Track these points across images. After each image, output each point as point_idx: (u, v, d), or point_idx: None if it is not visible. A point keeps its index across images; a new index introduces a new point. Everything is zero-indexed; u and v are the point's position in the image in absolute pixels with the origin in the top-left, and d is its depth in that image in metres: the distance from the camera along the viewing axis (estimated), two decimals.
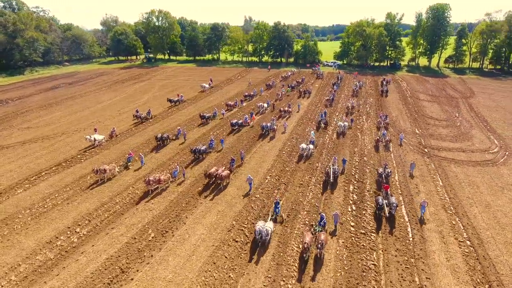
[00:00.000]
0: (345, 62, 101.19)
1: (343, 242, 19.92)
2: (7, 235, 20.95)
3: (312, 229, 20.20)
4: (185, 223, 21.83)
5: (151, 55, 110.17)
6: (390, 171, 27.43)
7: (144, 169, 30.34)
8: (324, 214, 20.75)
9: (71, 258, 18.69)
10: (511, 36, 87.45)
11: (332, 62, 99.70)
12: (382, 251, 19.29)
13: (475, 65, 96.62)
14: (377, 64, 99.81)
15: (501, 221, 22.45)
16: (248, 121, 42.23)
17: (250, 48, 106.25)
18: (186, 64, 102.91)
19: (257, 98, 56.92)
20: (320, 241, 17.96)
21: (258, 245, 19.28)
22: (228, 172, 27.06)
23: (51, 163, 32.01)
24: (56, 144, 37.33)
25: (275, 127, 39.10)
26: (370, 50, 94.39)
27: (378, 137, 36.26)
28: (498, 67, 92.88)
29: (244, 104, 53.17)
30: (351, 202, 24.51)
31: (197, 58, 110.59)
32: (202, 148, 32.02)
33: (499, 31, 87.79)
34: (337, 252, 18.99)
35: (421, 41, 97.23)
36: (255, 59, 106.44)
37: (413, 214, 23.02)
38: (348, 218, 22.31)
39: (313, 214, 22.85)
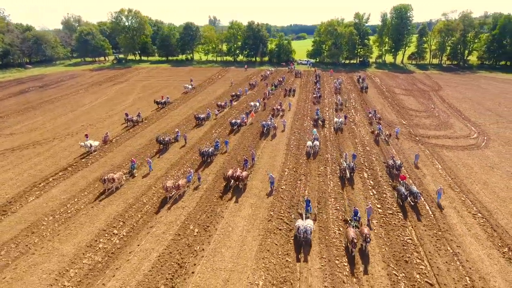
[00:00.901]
0: (317, 60, 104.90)
1: (376, 222, 21.60)
2: (39, 243, 20.09)
3: (350, 224, 20.39)
4: (223, 217, 22.28)
5: (121, 56, 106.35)
6: (401, 163, 28.74)
7: (153, 174, 28.88)
8: (358, 209, 21.52)
9: (121, 259, 18.47)
10: (465, 35, 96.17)
11: (305, 61, 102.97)
12: (412, 227, 21.21)
13: (435, 61, 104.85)
14: (347, 61, 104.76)
15: (500, 195, 25.45)
16: (245, 120, 42.54)
17: (224, 47, 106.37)
18: (160, 64, 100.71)
19: (244, 98, 57.57)
20: (367, 235, 18.19)
21: (302, 243, 19.29)
22: (247, 173, 26.97)
23: (55, 169, 30.57)
24: (52, 150, 35.51)
25: (276, 125, 39.92)
26: (341, 48, 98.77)
27: (376, 132, 37.80)
28: (455, 62, 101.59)
29: (234, 103, 53.60)
30: (370, 187, 26.37)
31: (170, 58, 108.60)
32: (210, 150, 31.21)
33: (455, 30, 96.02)
34: (375, 231, 20.61)
35: (387, 40, 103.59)
36: (229, 58, 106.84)
37: (427, 194, 25.33)
38: (373, 201, 24.08)
39: (340, 200, 24.36)
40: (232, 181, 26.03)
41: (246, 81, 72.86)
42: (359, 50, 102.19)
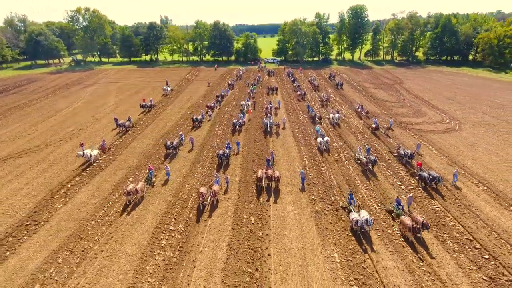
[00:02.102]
0: (283, 58, 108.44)
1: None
2: (96, 247, 19.64)
3: (395, 213, 21.81)
4: (270, 205, 23.54)
5: (80, 58, 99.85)
6: (413, 152, 30.97)
7: (174, 181, 27.71)
8: (400, 199, 22.85)
9: (193, 251, 18.93)
10: (413, 33, 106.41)
11: (272, 59, 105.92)
12: (435, 199, 24.42)
13: (388, 57, 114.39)
14: (310, 59, 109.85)
15: (488, 167, 29.98)
16: (244, 119, 42.31)
17: (190, 47, 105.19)
18: (124, 66, 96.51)
19: (228, 98, 57.42)
20: (426, 223, 18.92)
21: (360, 237, 19.84)
22: (279, 173, 26.29)
23: (67, 175, 29.15)
24: (51, 157, 33.48)
25: (278, 122, 40.35)
26: (305, 46, 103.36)
27: (374, 125, 39.10)
28: (405, 58, 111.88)
29: (222, 103, 53.52)
30: (389, 175, 28.81)
31: (133, 59, 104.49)
32: (227, 152, 30.43)
33: (404, 29, 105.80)
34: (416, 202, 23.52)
35: (345, 38, 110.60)
36: (196, 58, 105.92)
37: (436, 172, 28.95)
38: (399, 185, 26.85)
39: (372, 191, 26.93)
40: (264, 181, 25.34)
41: (222, 81, 73.40)
42: (321, 48, 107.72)
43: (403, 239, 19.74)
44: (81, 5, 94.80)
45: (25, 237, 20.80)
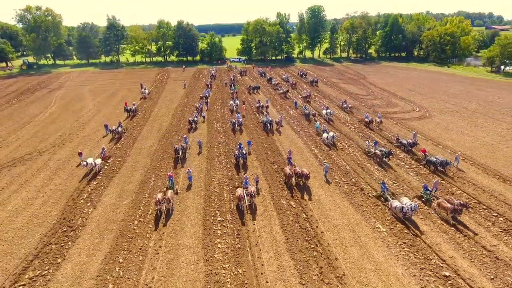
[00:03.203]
0: (247, 57, 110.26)
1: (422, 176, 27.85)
2: (152, 244, 19.83)
3: (425, 198, 23.43)
4: (302, 191, 25.33)
5: (31, 60, 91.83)
6: (416, 141, 33.55)
7: (197, 177, 27.86)
8: (427, 184, 24.57)
9: (254, 237, 20.03)
10: (366, 32, 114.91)
11: (237, 58, 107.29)
12: (443, 176, 28.03)
13: (344, 55, 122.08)
14: (274, 58, 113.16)
15: (466, 145, 34.78)
16: (241, 119, 41.72)
17: (153, 48, 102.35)
18: (84, 68, 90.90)
19: (211, 98, 57.14)
20: (464, 204, 20.67)
21: (405, 222, 21.02)
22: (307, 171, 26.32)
23: (78, 180, 28.07)
24: (51, 163, 31.69)
25: (278, 120, 40.93)
26: (270, 45, 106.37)
27: (368, 120, 40.84)
28: (360, 55, 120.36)
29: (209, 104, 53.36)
30: (399, 162, 32.10)
31: (92, 61, 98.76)
32: (244, 152, 29.94)
33: (358, 28, 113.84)
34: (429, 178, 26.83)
35: (305, 37, 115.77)
36: (160, 59, 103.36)
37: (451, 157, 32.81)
38: (411, 172, 30.19)
39: (389, 179, 29.94)
40: (294, 178, 26.00)
41: (196, 81, 73.16)
42: (284, 47, 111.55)
43: (441, 220, 21.46)
44: (27, 4, 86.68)
45: (69, 243, 20.16)
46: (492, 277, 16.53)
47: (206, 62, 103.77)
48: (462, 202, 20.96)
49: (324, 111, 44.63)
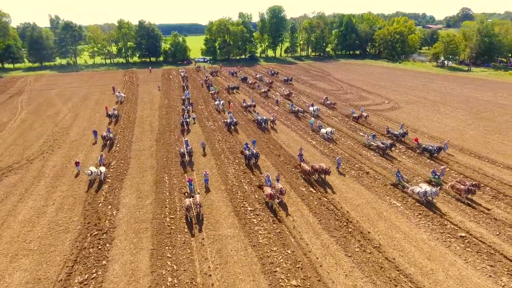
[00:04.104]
0: (211, 57, 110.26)
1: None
2: (192, 238, 20.41)
3: (434, 182, 25.21)
4: (316, 179, 27.29)
5: None
6: (407, 131, 35.89)
7: (211, 173, 28.06)
8: (435, 169, 26.55)
9: (289, 221, 21.49)
10: (323, 31, 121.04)
11: (202, 58, 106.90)
12: (440, 160, 31.72)
13: (304, 53, 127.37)
14: (238, 57, 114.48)
15: (440, 131, 39.43)
16: (235, 119, 41.37)
17: (114, 49, 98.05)
18: (39, 71, 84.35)
19: (192, 99, 56.37)
20: (475, 185, 23.11)
21: (425, 204, 22.82)
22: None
23: (85, 185, 27.19)
24: (47, 171, 30.08)
25: (272, 118, 41.55)
26: (234, 45, 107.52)
27: (356, 115, 42.99)
28: (318, 54, 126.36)
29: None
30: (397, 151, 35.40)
31: (45, 64, 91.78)
32: (255, 152, 30.07)
33: (316, 27, 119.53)
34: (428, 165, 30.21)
35: (266, 36, 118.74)
36: (122, 60, 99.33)
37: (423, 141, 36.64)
38: (412, 160, 33.45)
39: (396, 166, 32.94)
40: (313, 174, 26.70)
41: (169, 82, 72.12)
42: (248, 47, 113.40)
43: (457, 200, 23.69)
44: None
45: (107, 245, 19.94)
46: (497, 233, 19.84)
47: (170, 62, 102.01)
48: (473, 183, 23.41)
49: (311, 108, 46.11)
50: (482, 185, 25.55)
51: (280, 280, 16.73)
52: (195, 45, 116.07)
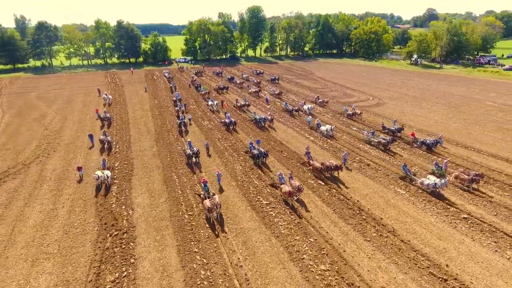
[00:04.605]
0: (192, 58, 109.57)
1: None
2: (215, 233, 20.93)
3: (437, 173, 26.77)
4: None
5: None
6: (400, 127, 36.99)
7: (225, 176, 27.76)
8: (437, 161, 27.73)
9: (304, 212, 22.47)
10: (302, 31, 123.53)
11: (183, 59, 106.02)
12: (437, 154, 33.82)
13: (283, 53, 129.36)
14: (219, 57, 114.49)
15: (426, 124, 41.96)
16: (233, 119, 41.16)
17: (91, 49, 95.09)
18: (12, 74, 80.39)
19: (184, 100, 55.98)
20: (475, 175, 24.35)
21: (435, 194, 23.97)
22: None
23: (92, 187, 26.89)
24: (47, 174, 29.36)
25: (269, 117, 41.84)
26: (215, 45, 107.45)
27: (350, 112, 43.94)
28: (297, 53, 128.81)
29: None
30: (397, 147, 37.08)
31: (18, 66, 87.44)
32: (263, 151, 30.09)
33: (294, 27, 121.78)
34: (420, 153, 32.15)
35: (246, 36, 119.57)
36: (100, 61, 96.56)
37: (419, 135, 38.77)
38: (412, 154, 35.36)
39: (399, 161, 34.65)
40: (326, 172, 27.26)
41: (153, 82, 71.32)
42: (228, 47, 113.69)
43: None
44: None
45: (130, 244, 20.01)
46: (495, 214, 21.84)
47: (151, 63, 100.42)
48: (477, 173, 24.72)
49: (305, 107, 46.70)
50: (473, 172, 27.72)
51: (309, 266, 17.66)
52: (175, 45, 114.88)
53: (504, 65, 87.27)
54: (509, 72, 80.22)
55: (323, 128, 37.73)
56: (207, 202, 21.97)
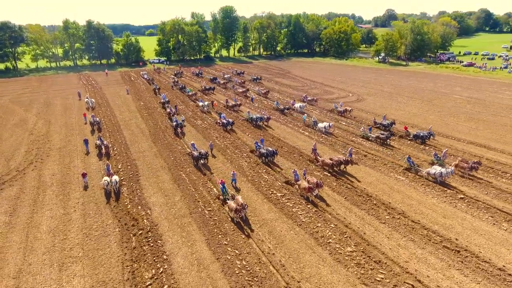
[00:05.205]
0: (166, 58, 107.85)
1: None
2: (238, 227, 21.69)
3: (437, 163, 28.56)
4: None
5: None
6: (393, 121, 39.09)
7: (238, 178, 27.58)
8: (436, 152, 29.46)
9: (322, 204, 23.84)
10: (274, 31, 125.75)
11: (157, 60, 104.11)
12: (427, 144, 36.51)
13: (256, 52, 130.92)
14: (193, 57, 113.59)
15: (406, 117, 45.11)
16: (230, 119, 41.34)
17: (59, 51, 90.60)
18: None
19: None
20: (477, 162, 26.50)
21: (438, 182, 25.82)
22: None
23: (99, 189, 26.58)
24: (47, 179, 28.44)
25: (266, 116, 42.41)
26: (190, 45, 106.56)
27: (340, 109, 45.57)
28: (269, 53, 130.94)
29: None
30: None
31: None
32: (272, 150, 30.53)
33: (267, 27, 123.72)
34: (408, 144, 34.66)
35: (219, 36, 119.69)
36: (69, 63, 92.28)
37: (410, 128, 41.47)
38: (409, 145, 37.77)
39: (397, 152, 36.83)
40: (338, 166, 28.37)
41: (133, 84, 69.76)
42: (203, 47, 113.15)
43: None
44: None
45: (158, 241, 20.24)
46: (486, 193, 24.55)
47: (124, 64, 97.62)
48: (475, 161, 26.65)
49: (296, 105, 47.84)
50: (459, 157, 30.60)
51: (336, 249, 19.00)
52: (147, 46, 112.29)
53: (462, 62, 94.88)
54: (468, 68, 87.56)
55: (321, 125, 38.68)
56: (232, 204, 21.82)
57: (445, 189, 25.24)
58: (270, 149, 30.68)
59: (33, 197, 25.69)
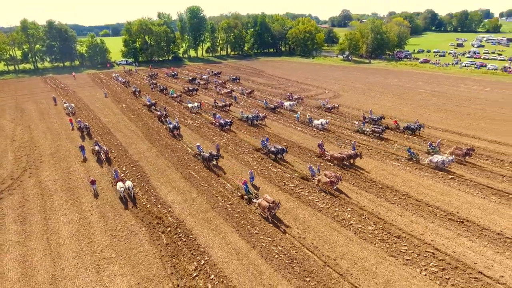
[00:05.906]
0: (133, 59, 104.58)
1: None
2: (264, 221, 22.85)
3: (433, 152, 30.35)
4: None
5: None
6: (382, 115, 41.14)
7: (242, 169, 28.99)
8: (431, 142, 31.89)
9: (343, 196, 25.69)
10: (240, 31, 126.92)
11: (124, 61, 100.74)
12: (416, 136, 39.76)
13: (224, 52, 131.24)
14: (161, 58, 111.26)
15: (384, 111, 48.72)
16: (228, 119, 41.11)
17: (18, 53, 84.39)
18: None
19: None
20: (470, 148, 29.14)
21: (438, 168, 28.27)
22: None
23: (112, 193, 26.44)
24: (51, 186, 27.47)
25: (261, 115, 42.64)
26: (158, 46, 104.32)
27: (329, 106, 47.15)
28: (236, 52, 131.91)
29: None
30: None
31: None
32: (281, 148, 31.00)
33: (234, 27, 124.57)
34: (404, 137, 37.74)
35: (187, 37, 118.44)
36: (29, 66, 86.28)
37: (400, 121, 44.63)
38: (403, 137, 40.65)
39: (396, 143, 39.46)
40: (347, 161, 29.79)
41: (108, 87, 67.32)
42: (171, 47, 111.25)
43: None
44: None
45: (190, 236, 20.80)
46: (471, 173, 27.99)
47: (89, 66, 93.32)
48: (469, 148, 29.29)
49: (286, 104, 48.94)
50: (443, 144, 34.03)
51: (359, 229, 20.92)
52: (112, 47, 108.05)
53: (419, 59, 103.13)
54: (424, 65, 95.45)
55: (316, 122, 40.00)
56: (264, 202, 22.03)
57: (436, 171, 28.35)
58: (279, 146, 31.45)
59: (40, 204, 24.78)
